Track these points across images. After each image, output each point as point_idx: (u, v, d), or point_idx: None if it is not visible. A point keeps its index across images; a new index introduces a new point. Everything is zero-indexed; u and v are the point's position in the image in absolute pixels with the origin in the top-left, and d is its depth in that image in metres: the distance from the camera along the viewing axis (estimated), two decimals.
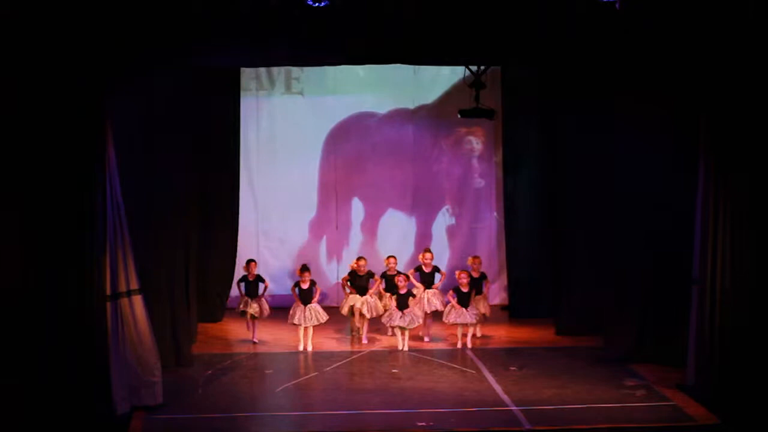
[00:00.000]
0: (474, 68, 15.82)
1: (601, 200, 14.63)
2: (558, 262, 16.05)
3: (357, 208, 18.00)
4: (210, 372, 13.69)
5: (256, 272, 15.39)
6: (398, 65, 15.23)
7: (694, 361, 12.63)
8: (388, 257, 15.77)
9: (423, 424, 11.54)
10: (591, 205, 15.07)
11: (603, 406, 12.21)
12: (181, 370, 13.59)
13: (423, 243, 17.71)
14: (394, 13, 12.32)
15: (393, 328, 15.09)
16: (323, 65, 15.72)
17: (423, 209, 18.03)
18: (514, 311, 17.28)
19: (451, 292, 15.18)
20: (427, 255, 15.80)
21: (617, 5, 12.28)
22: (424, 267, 15.66)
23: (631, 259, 13.88)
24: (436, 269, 15.74)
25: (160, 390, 12.16)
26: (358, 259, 15.64)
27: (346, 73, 17.10)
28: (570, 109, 15.48)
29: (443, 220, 18.09)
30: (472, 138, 17.95)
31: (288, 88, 17.56)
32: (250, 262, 15.52)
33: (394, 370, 13.83)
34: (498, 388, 12.97)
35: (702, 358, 12.49)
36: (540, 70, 16.38)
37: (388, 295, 15.35)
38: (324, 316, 14.85)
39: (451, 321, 15.05)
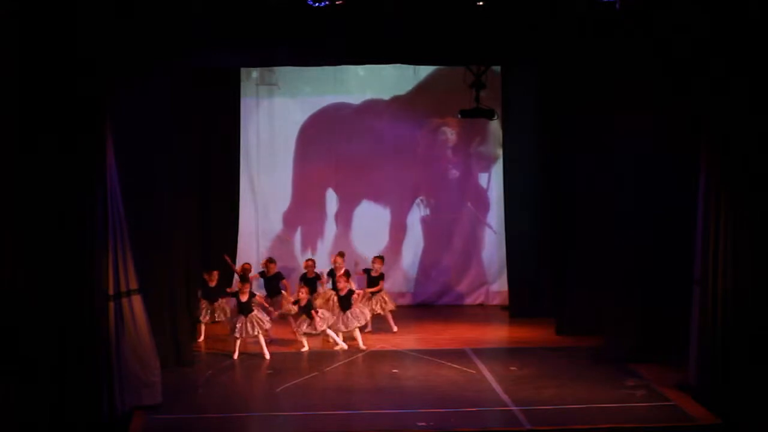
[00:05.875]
0: (474, 68, 15.83)
1: (602, 200, 14.62)
2: (558, 262, 16.06)
3: (357, 206, 18.04)
4: (210, 372, 13.69)
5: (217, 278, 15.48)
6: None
7: (695, 360, 12.62)
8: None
9: (423, 424, 11.53)
10: (591, 205, 15.06)
11: (603, 406, 12.20)
12: (181, 370, 13.59)
13: (397, 234, 18.00)
14: (394, 13, 12.33)
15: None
16: (323, 65, 15.74)
17: (398, 201, 18.08)
18: (514, 311, 17.27)
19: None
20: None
21: (617, 5, 12.30)
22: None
23: (631, 259, 13.87)
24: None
25: (159, 390, 12.16)
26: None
27: (332, 70, 17.13)
28: (570, 108, 15.48)
29: (418, 211, 18.12)
30: (447, 129, 17.96)
31: (262, 80, 17.52)
32: (212, 270, 15.52)
33: (394, 370, 13.83)
34: (498, 388, 12.96)
35: (703, 358, 12.49)
36: (540, 70, 16.39)
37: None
38: (267, 324, 14.59)
39: (325, 327, 14.84)
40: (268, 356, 14.37)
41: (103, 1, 11.44)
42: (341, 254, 16.10)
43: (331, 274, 15.78)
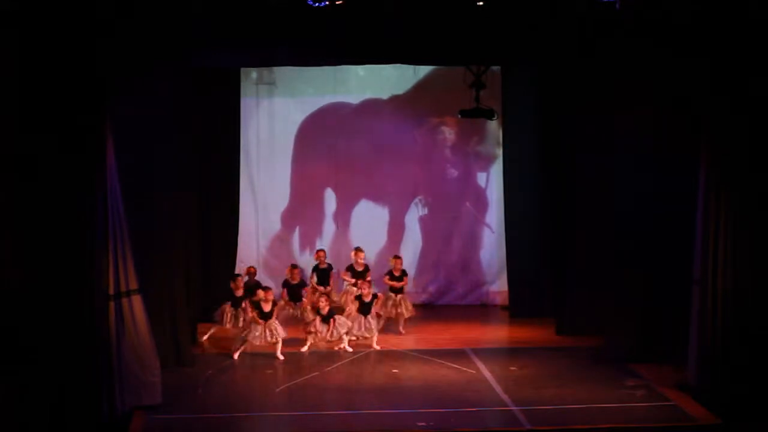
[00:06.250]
0: (474, 68, 15.82)
1: (602, 200, 14.63)
2: (558, 262, 16.05)
3: (356, 205, 18.04)
4: (210, 372, 13.69)
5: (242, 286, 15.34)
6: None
7: (695, 360, 12.62)
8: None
9: (423, 424, 11.53)
10: (591, 205, 15.07)
11: (603, 406, 12.20)
12: (181, 370, 13.58)
13: (396, 233, 17.98)
14: (394, 13, 12.34)
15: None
16: (323, 65, 15.73)
17: (397, 200, 18.05)
18: (514, 311, 17.26)
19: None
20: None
21: (617, 5, 12.30)
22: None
23: (631, 259, 13.87)
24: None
25: (160, 390, 12.16)
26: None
27: (332, 70, 17.14)
28: (570, 108, 15.47)
29: (415, 210, 18.11)
30: (445, 128, 17.96)
31: (261, 78, 17.50)
32: (237, 277, 15.47)
33: (394, 370, 13.83)
34: (498, 388, 12.96)
35: (703, 358, 12.49)
36: (540, 70, 16.39)
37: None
38: (283, 333, 14.50)
39: (354, 332, 14.93)
40: (282, 358, 14.33)
41: (103, 1, 11.44)
42: (360, 249, 16.12)
43: (350, 269, 15.81)
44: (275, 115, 17.67)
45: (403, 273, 15.95)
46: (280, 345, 14.45)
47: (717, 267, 12.32)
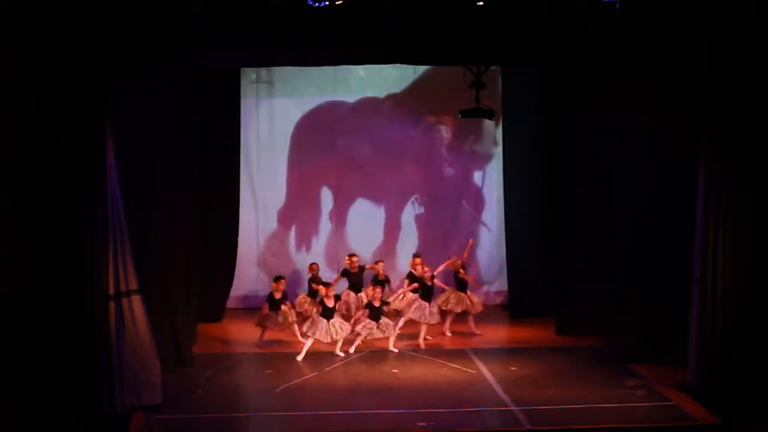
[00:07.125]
0: (474, 68, 15.81)
1: (601, 200, 14.63)
2: (558, 262, 16.04)
3: (352, 204, 18.03)
4: (210, 372, 13.69)
5: (283, 288, 15.17)
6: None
7: (694, 360, 12.64)
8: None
9: (423, 424, 11.54)
10: (591, 205, 15.06)
11: (603, 406, 12.21)
12: (181, 370, 13.59)
13: (392, 233, 17.94)
14: (394, 13, 12.34)
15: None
16: (323, 65, 15.73)
17: (394, 199, 18.03)
18: (514, 311, 17.26)
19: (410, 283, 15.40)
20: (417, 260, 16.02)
21: (617, 5, 12.31)
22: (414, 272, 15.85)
23: (631, 259, 13.87)
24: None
25: (160, 390, 12.17)
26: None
27: (332, 70, 17.13)
28: (570, 108, 15.46)
29: (412, 209, 18.08)
30: (442, 127, 17.95)
31: (258, 77, 17.46)
32: (280, 279, 15.26)
33: (394, 370, 13.84)
34: (498, 388, 12.97)
35: (703, 358, 12.50)
36: (540, 70, 16.38)
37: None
38: (348, 328, 14.56)
39: (417, 318, 15.03)
40: (352, 350, 14.44)
41: (104, 2, 11.45)
42: (418, 255, 16.10)
43: (410, 276, 15.70)
44: (275, 114, 17.67)
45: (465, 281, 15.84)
46: (340, 343, 14.44)
47: (717, 267, 12.34)
